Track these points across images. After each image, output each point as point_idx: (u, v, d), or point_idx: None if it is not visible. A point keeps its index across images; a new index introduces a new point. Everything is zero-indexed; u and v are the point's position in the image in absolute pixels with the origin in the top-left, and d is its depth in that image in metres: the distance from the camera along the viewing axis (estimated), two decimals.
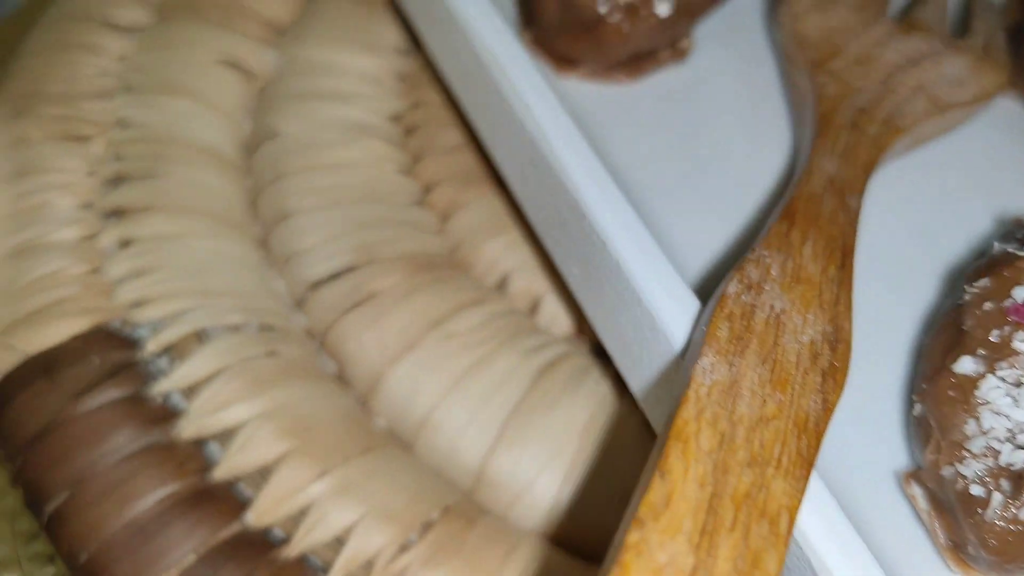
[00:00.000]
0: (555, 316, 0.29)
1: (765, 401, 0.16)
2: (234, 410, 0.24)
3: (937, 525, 0.19)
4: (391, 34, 0.36)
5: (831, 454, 0.20)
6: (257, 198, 0.31)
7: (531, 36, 0.28)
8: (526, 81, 0.24)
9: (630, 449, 0.25)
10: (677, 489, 0.15)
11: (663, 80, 0.29)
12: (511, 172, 0.27)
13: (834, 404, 0.17)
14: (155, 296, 0.27)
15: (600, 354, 0.27)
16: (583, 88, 0.28)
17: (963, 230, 0.25)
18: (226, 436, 0.24)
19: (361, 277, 0.28)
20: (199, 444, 0.24)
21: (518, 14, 0.29)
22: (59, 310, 0.26)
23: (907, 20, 0.28)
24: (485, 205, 0.31)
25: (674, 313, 0.19)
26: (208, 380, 0.25)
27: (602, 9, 0.26)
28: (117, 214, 0.29)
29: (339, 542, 0.23)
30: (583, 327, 0.28)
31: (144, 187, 0.29)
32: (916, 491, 0.19)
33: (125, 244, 0.28)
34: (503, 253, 0.30)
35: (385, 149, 0.32)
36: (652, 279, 0.20)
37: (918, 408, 0.19)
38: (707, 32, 0.30)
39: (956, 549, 0.18)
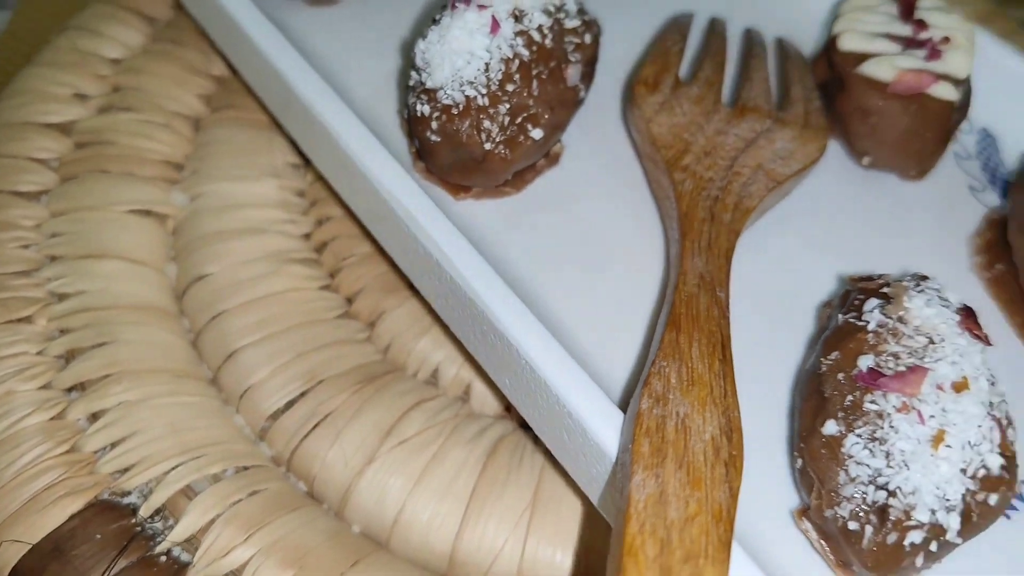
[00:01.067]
0: (485, 398, 0.33)
1: (687, 502, 0.21)
2: (236, 553, 0.28)
3: (827, 550, 0.24)
4: (284, 152, 0.39)
5: (742, 501, 0.25)
6: (197, 340, 0.34)
7: (424, 168, 0.32)
8: (424, 215, 0.28)
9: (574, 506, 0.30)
10: None
11: (544, 185, 0.33)
12: (428, 294, 0.31)
13: (738, 489, 0.22)
14: (136, 462, 0.29)
15: (527, 427, 0.31)
16: (478, 206, 0.32)
17: (812, 291, 0.30)
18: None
19: (313, 401, 0.32)
20: None
21: (409, 150, 0.33)
22: (51, 494, 0.28)
23: (739, 104, 0.33)
24: (406, 308, 0.35)
25: (602, 426, 0.24)
26: (205, 530, 0.28)
27: (487, 146, 0.30)
28: (78, 388, 0.31)
29: None
30: (509, 405, 0.33)
31: (96, 357, 0.32)
32: (807, 526, 0.24)
33: (94, 417, 0.31)
34: (431, 349, 0.34)
35: (305, 271, 0.36)
36: (578, 396, 0.25)
37: (799, 462, 0.25)
38: (573, 134, 0.34)
39: (844, 567, 0.24)
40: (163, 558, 0.28)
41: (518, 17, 0.31)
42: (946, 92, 0.32)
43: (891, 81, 0.32)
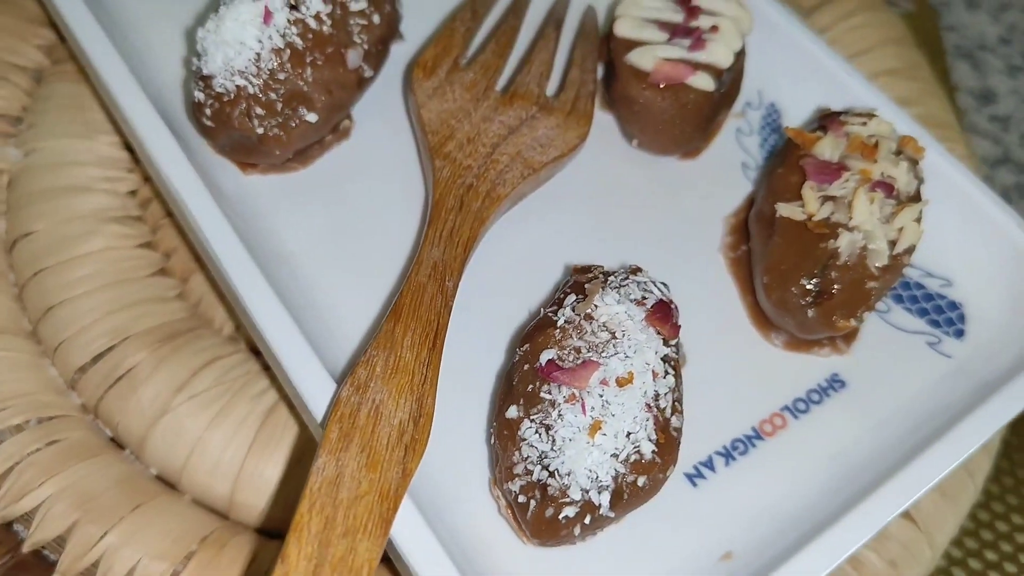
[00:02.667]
0: None
1: (360, 482, 0.25)
2: (29, 497, 0.32)
3: (510, 516, 0.28)
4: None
5: (449, 471, 0.29)
6: (21, 293, 0.37)
7: (214, 146, 0.34)
8: (186, 187, 0.31)
9: None
10: (292, 568, 0.23)
11: (331, 160, 0.35)
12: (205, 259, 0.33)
13: (412, 470, 0.26)
14: None
15: None
16: (264, 181, 0.34)
17: (556, 276, 0.33)
18: (28, 518, 0.32)
19: (116, 357, 0.35)
20: (8, 527, 0.32)
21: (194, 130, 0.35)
22: None
23: (510, 90, 0.35)
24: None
25: (315, 395, 0.27)
26: (5, 476, 0.32)
27: (260, 130, 0.32)
28: None
29: None
30: None
31: None
32: (496, 493, 0.28)
33: None
34: None
35: (125, 230, 0.38)
36: (298, 367, 0.28)
37: (492, 439, 0.28)
38: (365, 108, 0.36)
39: (523, 532, 0.28)
40: None
41: (294, 6, 0.33)
42: (703, 83, 0.34)
43: (651, 71, 0.34)
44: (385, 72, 0.37)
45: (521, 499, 0.26)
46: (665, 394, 0.27)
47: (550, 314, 0.28)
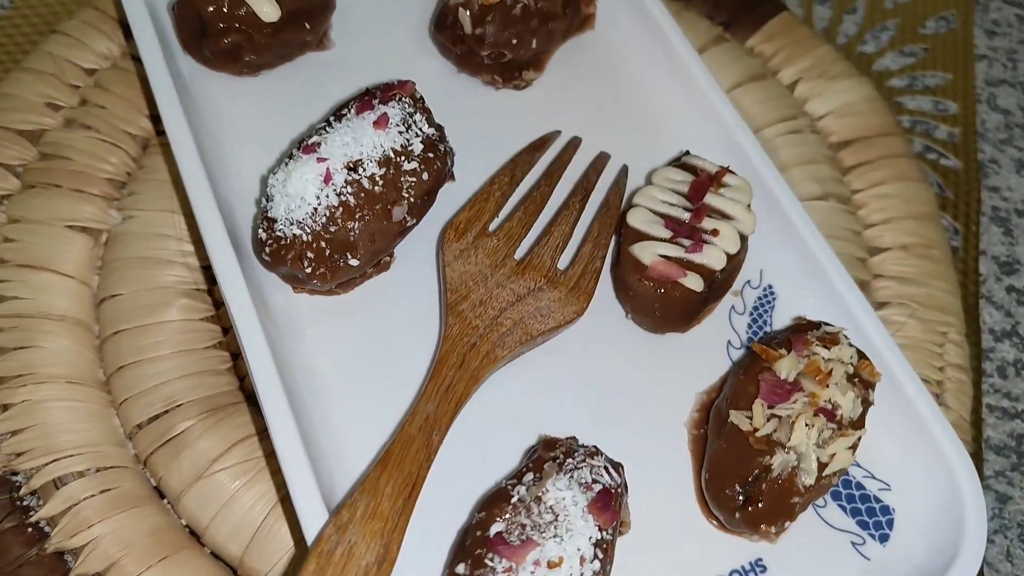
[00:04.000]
0: None
1: None
2: (80, 536, 0.39)
3: None
4: None
5: None
6: (101, 347, 0.44)
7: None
8: (237, 300, 0.37)
9: None
10: None
11: (370, 288, 0.41)
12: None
13: None
14: (27, 450, 0.40)
15: None
16: (310, 300, 0.41)
17: (517, 445, 0.38)
18: (76, 552, 0.39)
19: (169, 421, 0.42)
20: (60, 556, 0.39)
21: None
22: None
23: (526, 259, 0.40)
24: None
25: (309, 518, 0.34)
26: (63, 514, 0.39)
27: (308, 270, 0.38)
28: (2, 382, 0.42)
29: None
30: None
31: (15, 359, 0.42)
32: None
33: (5, 407, 0.41)
34: None
35: (195, 304, 0.45)
36: (299, 484, 0.34)
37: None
38: (408, 245, 0.42)
39: None
40: (31, 528, 0.39)
41: (352, 168, 0.38)
42: (693, 283, 0.39)
43: (648, 265, 0.39)
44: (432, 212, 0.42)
45: None
46: None
47: (508, 487, 0.34)
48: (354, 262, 0.39)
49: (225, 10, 0.41)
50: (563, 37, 0.47)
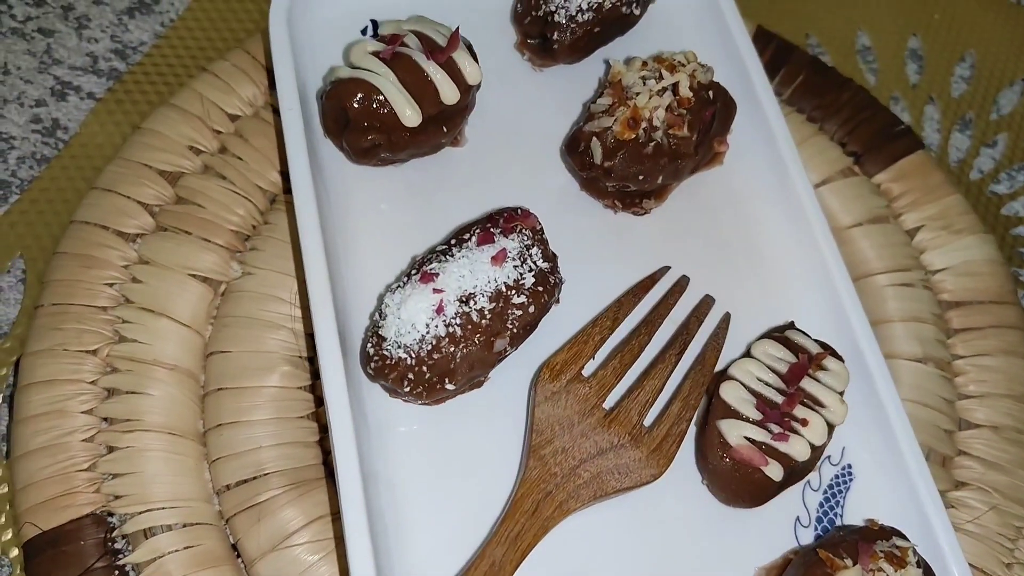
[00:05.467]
0: None
1: None
2: None
3: None
4: None
5: None
6: (204, 399, 0.47)
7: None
8: (335, 399, 0.39)
9: None
10: None
11: (461, 403, 0.43)
12: None
13: None
14: (125, 495, 0.44)
15: None
16: (404, 406, 0.42)
17: None
18: None
19: (255, 488, 0.45)
20: None
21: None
22: (66, 500, 0.43)
23: (614, 412, 0.41)
24: None
25: None
26: (148, 563, 0.43)
27: (407, 389, 0.40)
28: (108, 420, 0.45)
29: None
30: None
31: (126, 402, 0.45)
32: None
33: (111, 449, 0.45)
34: None
35: (295, 371, 0.47)
36: None
37: None
38: (501, 369, 0.43)
39: None
40: (116, 572, 0.42)
41: (464, 300, 0.40)
42: (774, 472, 0.39)
43: (732, 446, 0.39)
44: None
45: None
46: None
47: None
48: (451, 387, 0.40)
49: (369, 110, 0.43)
50: (691, 172, 0.47)
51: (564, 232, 0.46)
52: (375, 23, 0.51)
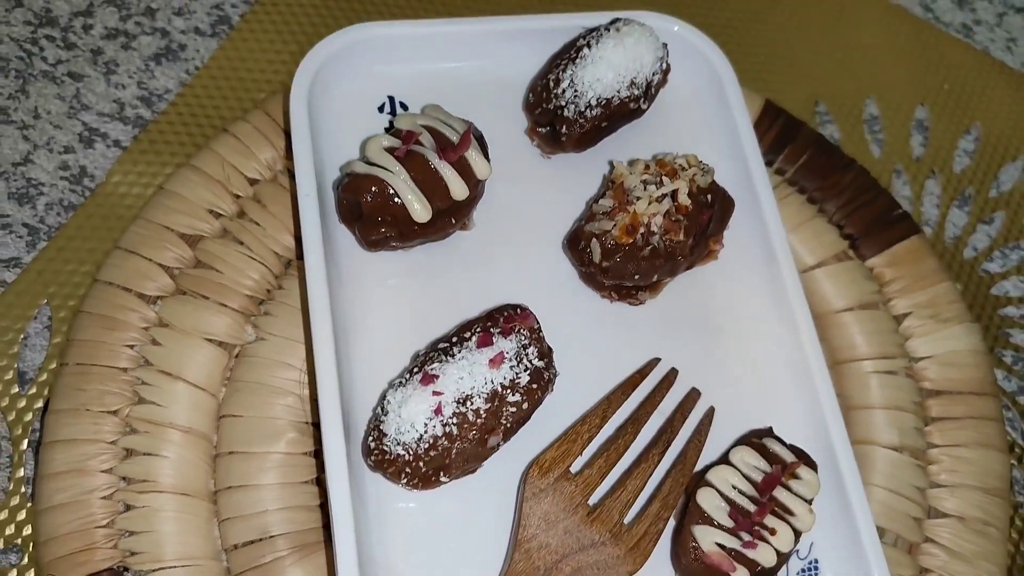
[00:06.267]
0: None
1: None
2: None
3: None
4: None
5: None
6: (215, 460, 0.50)
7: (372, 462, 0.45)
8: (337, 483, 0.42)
9: None
10: None
11: (454, 487, 0.46)
12: None
13: None
14: (141, 551, 0.47)
15: None
16: (399, 489, 0.45)
17: None
18: None
19: (259, 550, 0.48)
20: None
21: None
22: (86, 555, 0.47)
23: (598, 510, 0.44)
24: None
25: None
26: None
27: (403, 481, 0.43)
28: (126, 479, 0.48)
29: None
30: None
31: (142, 464, 0.48)
32: None
33: (128, 507, 0.48)
34: None
35: (301, 438, 0.50)
36: None
37: None
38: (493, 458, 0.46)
39: None
40: None
41: (462, 401, 0.43)
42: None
43: (704, 551, 0.42)
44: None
45: None
46: None
47: None
48: (444, 479, 0.43)
49: (382, 205, 0.45)
50: (685, 269, 0.49)
51: (562, 320, 0.49)
52: (392, 100, 0.53)
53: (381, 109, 0.53)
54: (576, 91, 0.50)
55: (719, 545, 0.42)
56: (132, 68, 0.63)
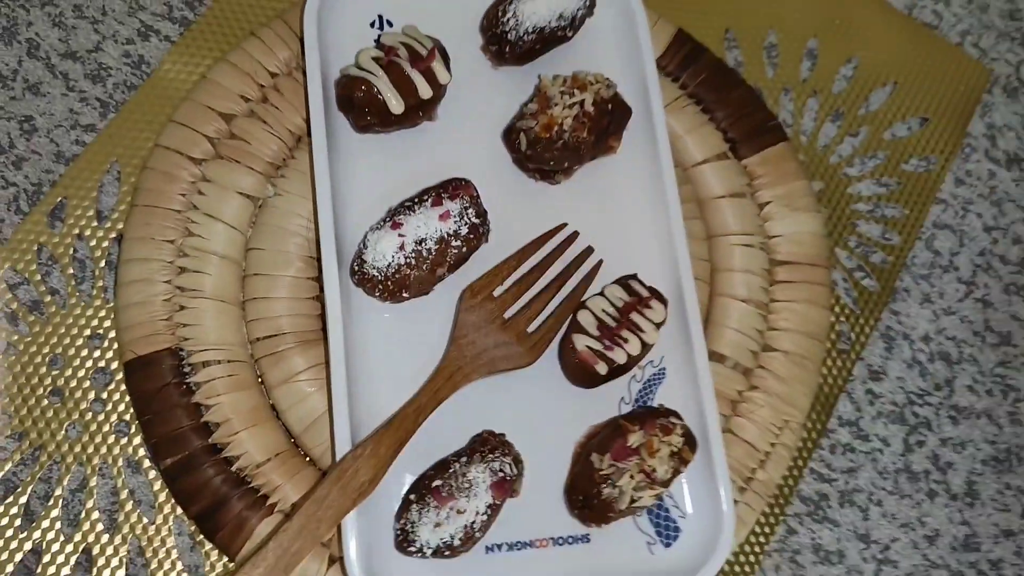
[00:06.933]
0: None
1: None
2: (211, 399, 0.66)
3: None
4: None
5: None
6: (244, 279, 0.70)
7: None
8: (333, 296, 0.62)
9: None
10: None
11: (412, 305, 0.66)
12: None
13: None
14: (191, 337, 0.67)
15: None
16: (377, 303, 0.65)
17: (467, 434, 0.64)
18: (207, 407, 0.66)
19: (275, 342, 0.68)
20: (197, 407, 0.67)
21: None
22: (153, 337, 0.67)
23: (510, 320, 0.64)
24: None
25: (340, 445, 0.60)
26: (204, 383, 0.66)
27: (376, 293, 0.63)
28: (180, 288, 0.68)
29: None
30: None
31: (192, 278, 0.68)
32: None
33: (182, 308, 0.68)
34: None
35: (306, 267, 0.70)
36: (340, 424, 0.60)
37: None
38: (440, 287, 0.66)
39: None
40: (184, 386, 0.66)
41: (419, 242, 0.62)
42: (601, 369, 0.62)
43: (578, 351, 0.62)
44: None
45: None
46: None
47: (451, 459, 0.59)
48: (406, 295, 0.63)
49: (368, 99, 0.63)
50: (590, 159, 0.68)
51: (499, 191, 0.67)
52: (381, 18, 0.71)
53: (372, 25, 0.71)
54: (517, 20, 0.67)
55: (588, 347, 0.62)
56: None
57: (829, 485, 0.77)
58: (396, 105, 0.64)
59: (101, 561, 0.64)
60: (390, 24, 0.71)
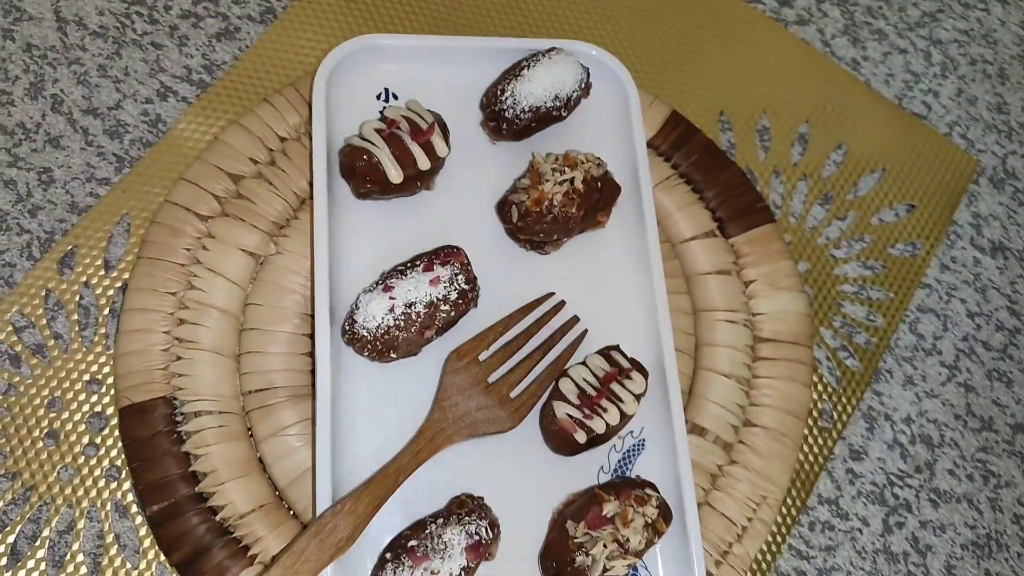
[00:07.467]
0: None
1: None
2: (200, 448, 0.68)
3: None
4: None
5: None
6: (241, 332, 0.72)
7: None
8: (323, 355, 0.64)
9: None
10: None
11: (401, 365, 0.68)
12: None
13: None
14: (185, 387, 0.69)
15: None
16: (366, 362, 0.67)
17: (445, 496, 0.65)
18: (196, 457, 0.68)
19: (266, 396, 0.70)
20: (187, 456, 0.69)
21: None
22: (149, 385, 0.69)
23: (494, 384, 0.66)
24: None
25: (321, 501, 0.62)
26: (195, 433, 0.68)
27: (364, 353, 0.65)
28: (178, 339, 0.71)
29: None
30: None
31: (191, 329, 0.70)
32: None
33: (179, 358, 0.70)
34: None
35: (300, 323, 0.72)
36: (322, 482, 0.62)
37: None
38: (427, 350, 0.68)
39: None
40: (175, 435, 0.69)
41: (408, 306, 0.64)
42: (580, 437, 0.64)
43: (558, 418, 0.64)
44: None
45: None
46: None
47: (428, 521, 0.61)
48: (394, 356, 0.65)
49: (368, 169, 0.66)
50: (579, 232, 0.70)
51: (490, 260, 0.70)
52: (387, 91, 0.74)
53: (379, 97, 0.74)
54: (515, 100, 0.70)
55: (568, 415, 0.64)
56: (199, 42, 0.84)
57: (807, 562, 0.77)
58: (395, 175, 0.67)
59: None
60: (395, 97, 0.74)
